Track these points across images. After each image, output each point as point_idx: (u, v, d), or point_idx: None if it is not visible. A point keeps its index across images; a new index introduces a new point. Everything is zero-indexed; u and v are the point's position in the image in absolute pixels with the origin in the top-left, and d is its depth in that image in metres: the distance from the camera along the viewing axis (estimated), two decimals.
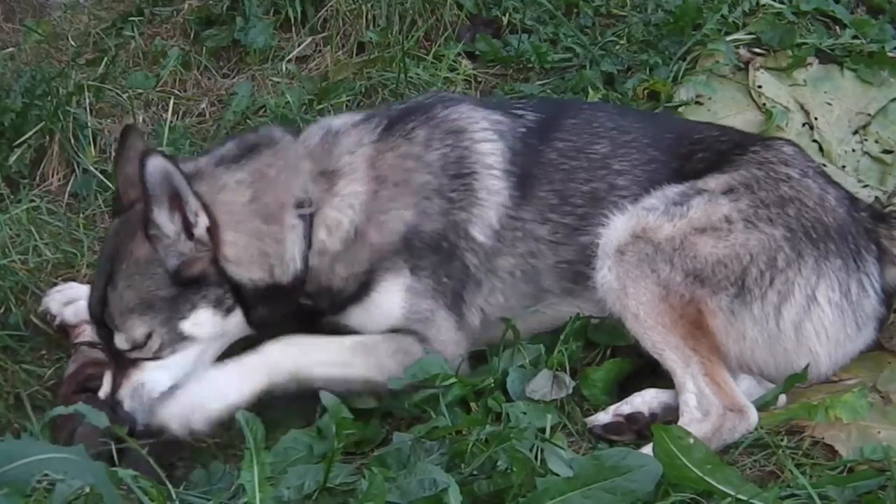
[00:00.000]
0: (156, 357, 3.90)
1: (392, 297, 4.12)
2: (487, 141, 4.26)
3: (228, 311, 3.98)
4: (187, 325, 3.91)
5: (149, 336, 3.87)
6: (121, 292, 3.86)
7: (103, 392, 3.90)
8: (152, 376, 3.90)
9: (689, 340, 3.92)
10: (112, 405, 3.84)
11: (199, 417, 3.81)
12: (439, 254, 4.13)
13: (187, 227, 3.87)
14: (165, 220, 3.83)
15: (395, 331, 4.11)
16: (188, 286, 3.90)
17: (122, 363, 3.91)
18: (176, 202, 3.83)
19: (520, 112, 4.41)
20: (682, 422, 3.82)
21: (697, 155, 4.34)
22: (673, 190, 4.20)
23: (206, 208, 3.90)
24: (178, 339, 3.91)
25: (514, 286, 4.25)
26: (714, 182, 4.17)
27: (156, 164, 3.75)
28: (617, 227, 4.13)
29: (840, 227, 4.11)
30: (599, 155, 4.32)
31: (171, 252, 3.86)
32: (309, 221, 4.08)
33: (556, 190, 4.26)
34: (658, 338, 3.95)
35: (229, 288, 3.97)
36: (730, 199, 4.09)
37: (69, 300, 4.44)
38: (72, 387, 4.02)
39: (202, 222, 3.88)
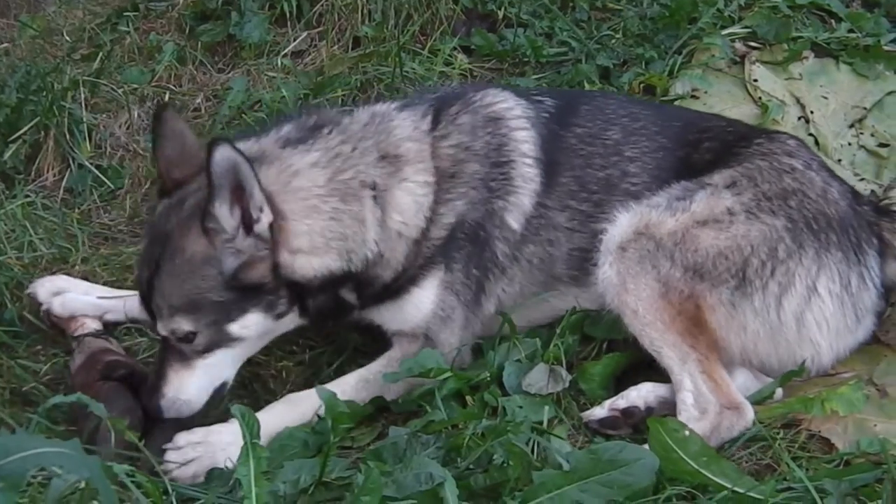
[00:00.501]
0: (201, 355, 3.87)
1: (428, 294, 4.13)
2: (522, 129, 4.27)
3: (279, 316, 3.93)
4: (235, 328, 3.85)
5: (194, 335, 3.82)
6: (169, 288, 3.78)
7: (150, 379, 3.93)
8: (194, 385, 3.88)
9: (688, 337, 3.92)
10: (151, 392, 3.87)
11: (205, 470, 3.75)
12: (475, 244, 4.15)
13: (247, 223, 3.76)
14: (226, 214, 3.72)
15: (413, 334, 4.13)
16: (244, 292, 3.82)
17: (172, 352, 3.88)
18: (238, 195, 3.71)
19: (539, 98, 4.43)
20: (680, 420, 3.81)
21: (704, 144, 4.35)
22: (678, 186, 4.21)
23: (272, 201, 3.80)
24: (225, 340, 3.86)
25: (530, 274, 4.27)
26: (719, 177, 4.18)
27: (224, 155, 3.62)
28: (622, 224, 4.13)
29: (842, 219, 4.11)
30: (613, 141, 4.35)
31: (229, 249, 3.76)
32: (380, 204, 4.04)
33: (576, 176, 4.29)
34: (656, 335, 3.95)
35: (287, 294, 3.89)
36: (733, 193, 4.09)
37: (58, 291, 4.42)
38: (93, 375, 3.99)
39: (265, 218, 3.77)
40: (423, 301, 4.13)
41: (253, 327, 3.88)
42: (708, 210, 4.06)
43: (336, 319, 4.21)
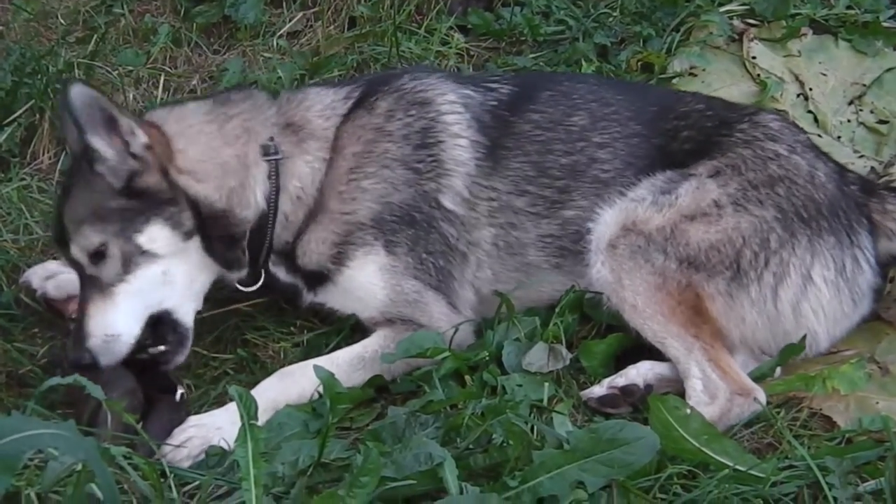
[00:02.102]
0: (121, 278, 3.91)
1: (368, 275, 4.13)
2: (453, 112, 4.28)
3: (187, 235, 4.02)
4: (143, 239, 3.93)
5: (104, 246, 3.90)
6: (72, 206, 3.97)
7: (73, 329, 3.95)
8: (120, 315, 3.91)
9: (690, 328, 3.91)
10: (77, 337, 3.88)
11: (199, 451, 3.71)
12: (414, 226, 4.15)
13: (128, 148, 3.93)
14: (103, 145, 3.90)
15: (387, 320, 4.11)
16: (140, 198, 3.94)
17: (91, 288, 3.93)
18: (112, 125, 3.91)
19: (494, 86, 4.42)
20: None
21: (682, 133, 4.31)
22: (660, 178, 4.18)
23: (154, 125, 4.06)
24: (137, 253, 3.93)
25: (500, 260, 4.25)
26: (702, 168, 4.15)
27: (80, 91, 3.85)
28: (606, 222, 4.12)
29: (831, 203, 4.09)
30: (578, 127, 4.32)
31: (117, 171, 3.92)
32: (275, 167, 4.16)
33: (533, 162, 4.26)
34: (658, 327, 3.94)
35: (188, 208, 4.01)
36: (718, 184, 4.07)
37: (50, 274, 4.41)
38: None
39: (138, 140, 3.94)
40: (368, 284, 4.14)
41: (161, 241, 3.97)
42: (694, 204, 4.04)
43: (273, 291, 4.31)
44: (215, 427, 3.73)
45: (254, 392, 3.55)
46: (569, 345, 4.06)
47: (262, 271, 4.24)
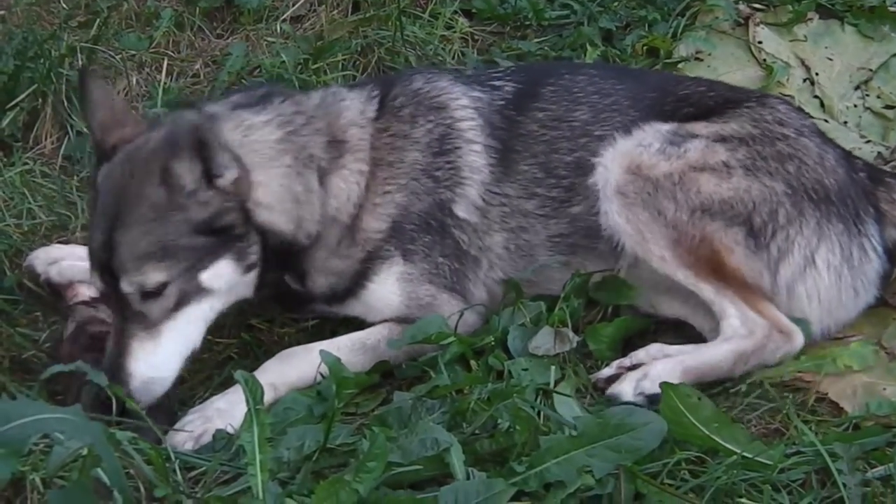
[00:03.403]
0: (168, 315, 3.71)
1: (388, 287, 4.09)
2: (467, 119, 4.22)
3: (249, 268, 3.86)
4: (206, 276, 3.74)
5: (164, 286, 3.67)
6: (136, 237, 3.66)
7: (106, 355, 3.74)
8: (163, 357, 3.73)
9: (721, 279, 3.91)
10: (115, 374, 3.63)
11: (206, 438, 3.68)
12: (430, 233, 4.11)
13: (208, 177, 3.69)
14: (185, 172, 3.65)
15: (399, 319, 4.08)
16: (215, 236, 3.75)
17: (134, 323, 3.70)
18: (198, 151, 3.65)
19: (498, 83, 4.36)
20: (723, 337, 3.88)
21: (682, 111, 4.26)
22: (665, 127, 4.13)
23: (238, 158, 3.79)
24: (194, 292, 3.74)
25: (511, 262, 4.22)
26: (705, 128, 4.11)
27: (186, 117, 3.73)
28: (607, 165, 4.08)
29: (840, 189, 4.06)
30: (580, 122, 4.26)
31: (193, 201, 3.69)
32: (324, 186, 4.03)
33: (540, 163, 4.22)
34: (690, 272, 3.93)
35: (257, 241, 3.85)
36: (726, 148, 4.03)
37: (53, 259, 4.38)
38: (76, 346, 3.96)
39: (230, 175, 3.73)
40: (383, 294, 4.09)
41: (224, 277, 3.79)
42: (703, 159, 4.00)
43: (284, 304, 4.24)
44: (221, 411, 3.72)
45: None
46: (575, 329, 4.04)
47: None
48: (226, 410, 3.70)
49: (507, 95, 4.31)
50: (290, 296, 4.17)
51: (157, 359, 3.72)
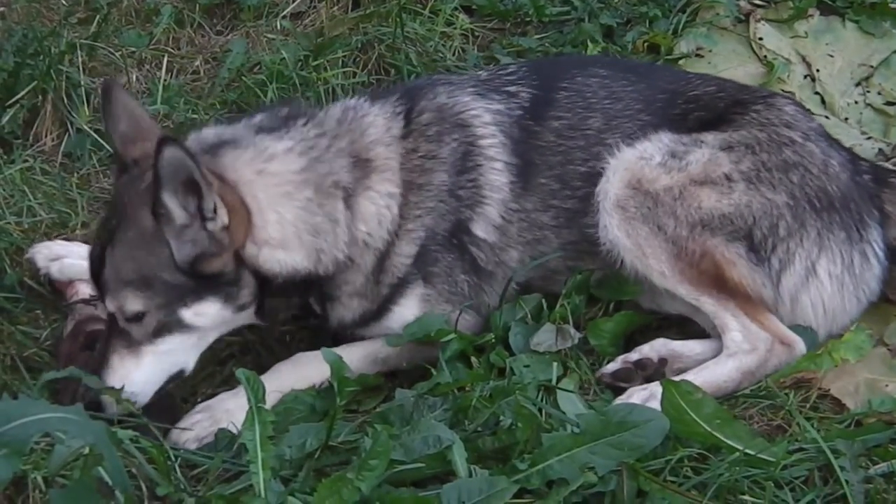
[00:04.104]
0: (150, 340, 3.67)
1: (409, 310, 4.04)
2: (490, 136, 4.13)
3: (241, 308, 3.77)
4: (188, 314, 3.67)
5: (143, 314, 3.63)
6: (121, 260, 3.62)
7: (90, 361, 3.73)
8: (141, 377, 3.68)
9: (722, 292, 3.91)
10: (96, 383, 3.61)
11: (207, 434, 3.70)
12: (452, 252, 4.07)
13: (203, 216, 3.59)
14: (175, 206, 3.54)
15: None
16: (198, 278, 3.65)
17: (118, 337, 3.69)
18: (192, 188, 3.53)
19: (513, 89, 4.27)
20: (727, 352, 3.87)
21: (693, 114, 4.24)
22: (668, 137, 4.11)
23: (238, 190, 3.69)
24: (176, 326, 3.67)
25: (524, 272, 4.18)
26: (712, 137, 4.09)
27: (174, 154, 3.45)
28: (609, 178, 4.06)
29: (843, 196, 4.05)
30: (594, 130, 4.21)
31: (182, 237, 3.59)
32: (350, 209, 3.92)
33: (556, 174, 4.17)
34: (691, 287, 3.93)
35: (252, 284, 3.74)
36: (731, 159, 4.01)
37: (55, 256, 4.37)
38: (75, 345, 3.96)
39: (219, 221, 3.61)
40: (407, 316, 4.02)
41: (209, 316, 3.71)
42: (705, 173, 3.99)
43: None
44: (224, 410, 3.71)
45: (265, 376, 3.53)
46: (576, 326, 4.06)
47: None
48: (235, 411, 3.64)
49: (524, 104, 4.23)
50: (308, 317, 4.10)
51: (134, 377, 3.68)
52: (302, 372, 3.88)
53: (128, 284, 3.61)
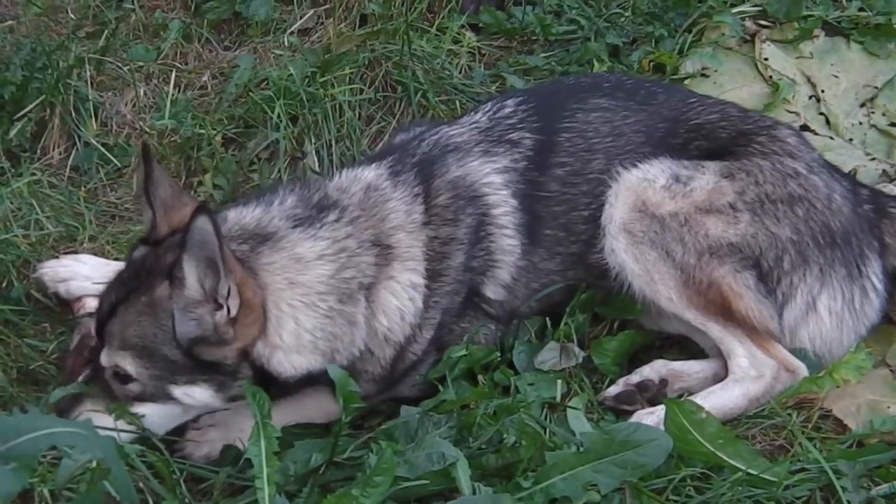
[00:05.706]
0: (131, 403, 3.56)
1: (420, 377, 4.02)
2: (501, 204, 4.06)
3: (233, 399, 3.62)
4: (177, 392, 3.56)
5: (133, 380, 3.54)
6: (128, 322, 3.52)
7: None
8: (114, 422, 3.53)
9: (730, 321, 3.92)
10: (63, 413, 3.53)
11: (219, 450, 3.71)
12: (465, 319, 4.05)
13: (216, 301, 3.47)
14: (193, 277, 3.41)
15: None
16: (195, 361, 3.52)
17: (95, 381, 3.62)
18: (213, 267, 3.41)
19: (515, 137, 4.18)
20: (733, 377, 3.88)
21: (694, 143, 4.20)
22: (670, 161, 4.10)
23: (265, 292, 3.59)
24: (161, 397, 3.57)
25: (531, 311, 4.18)
26: (714, 165, 4.08)
27: (206, 227, 3.31)
28: (612, 202, 4.05)
29: (845, 231, 4.05)
30: (596, 172, 4.15)
31: (189, 314, 3.47)
32: (369, 301, 3.82)
33: (561, 224, 4.13)
34: (698, 312, 3.94)
35: (251, 379, 3.57)
36: (734, 189, 4.00)
37: (63, 278, 4.34)
38: (79, 359, 3.98)
39: (230, 311, 3.49)
40: (419, 379, 4.01)
41: (197, 399, 3.58)
42: (709, 200, 3.98)
43: None
44: (238, 428, 3.68)
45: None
46: (580, 344, 4.08)
47: None
48: (246, 429, 3.48)
49: (527, 152, 4.15)
50: None
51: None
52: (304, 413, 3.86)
53: (125, 347, 3.52)
